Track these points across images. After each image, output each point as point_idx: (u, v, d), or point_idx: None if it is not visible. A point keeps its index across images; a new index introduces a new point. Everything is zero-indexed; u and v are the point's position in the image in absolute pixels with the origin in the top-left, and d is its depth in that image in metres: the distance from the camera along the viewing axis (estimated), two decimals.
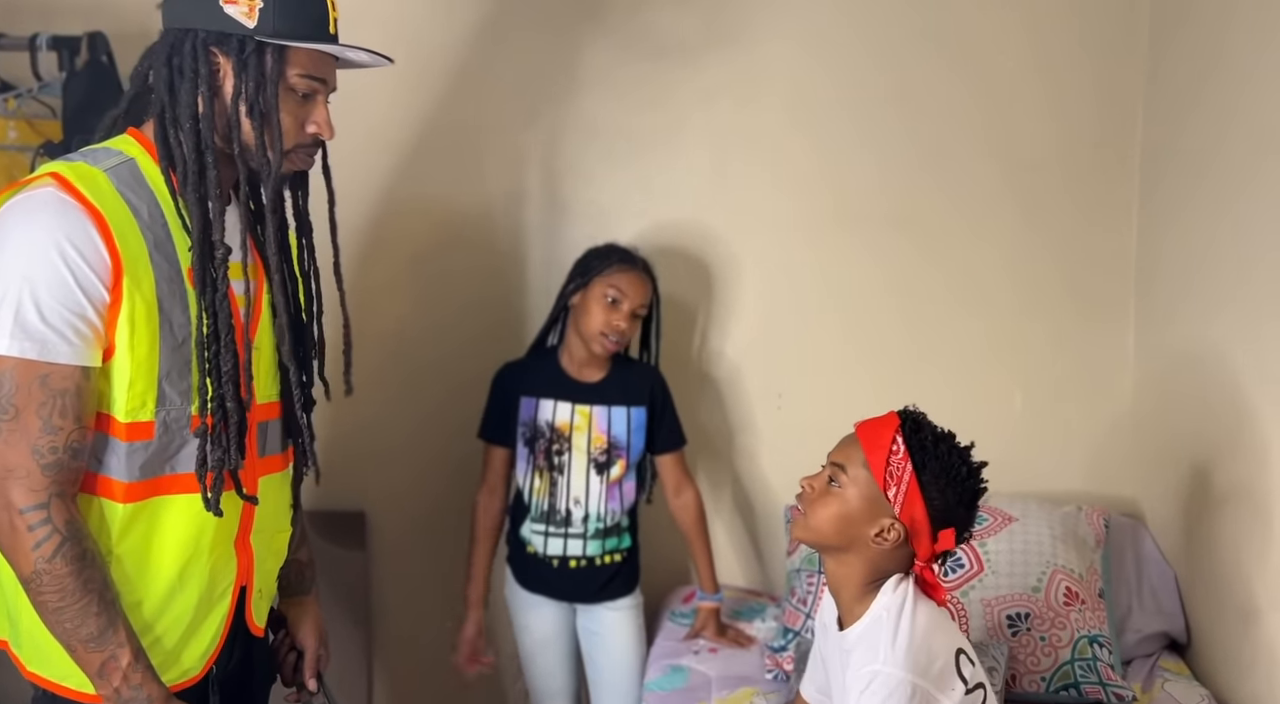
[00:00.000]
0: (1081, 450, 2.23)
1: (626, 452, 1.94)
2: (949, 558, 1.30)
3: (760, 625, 2.09)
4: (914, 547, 1.25)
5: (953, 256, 2.20)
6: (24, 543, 1.05)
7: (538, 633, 2.01)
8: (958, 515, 1.26)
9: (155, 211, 1.16)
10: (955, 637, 1.30)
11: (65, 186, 1.10)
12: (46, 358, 1.06)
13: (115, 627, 1.09)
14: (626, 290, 1.88)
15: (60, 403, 1.06)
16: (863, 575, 1.28)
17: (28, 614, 1.14)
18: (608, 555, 1.95)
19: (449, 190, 2.22)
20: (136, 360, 1.12)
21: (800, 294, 2.24)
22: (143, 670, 1.11)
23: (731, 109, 2.18)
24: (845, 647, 1.29)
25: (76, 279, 1.07)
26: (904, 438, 1.24)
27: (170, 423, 1.15)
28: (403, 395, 2.28)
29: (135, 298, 1.12)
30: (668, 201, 2.22)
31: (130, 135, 1.21)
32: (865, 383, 2.22)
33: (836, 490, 1.26)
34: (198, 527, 1.19)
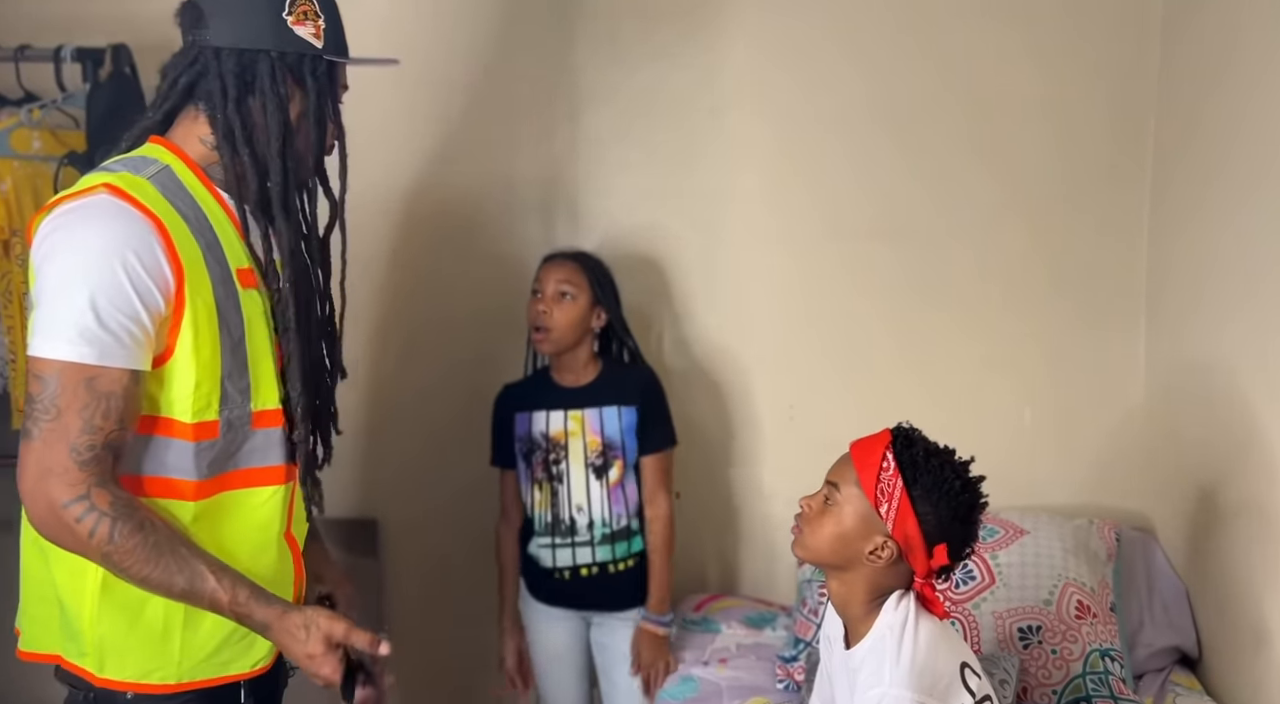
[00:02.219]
0: (1092, 464, 2.23)
1: (622, 452, 1.94)
2: (952, 572, 1.29)
3: (770, 635, 2.10)
4: (910, 563, 1.25)
5: (962, 273, 2.21)
6: (80, 536, 1.08)
7: (551, 647, 2.01)
8: (953, 531, 1.25)
9: (200, 216, 1.19)
10: (959, 650, 1.30)
11: (121, 195, 1.12)
12: (99, 362, 1.08)
13: (201, 575, 1.11)
14: (543, 278, 1.93)
15: (105, 405, 1.08)
16: (864, 593, 1.28)
17: (92, 623, 1.17)
18: (620, 562, 1.96)
19: (461, 202, 2.24)
20: (201, 362, 1.15)
21: (814, 308, 2.24)
22: (246, 602, 1.13)
23: (738, 123, 2.20)
24: (851, 665, 1.30)
25: (134, 284, 1.09)
26: (894, 454, 1.24)
27: (233, 421, 1.19)
28: (414, 404, 2.30)
29: (197, 302, 1.15)
30: (679, 213, 2.23)
31: (157, 143, 1.23)
32: (877, 397, 2.23)
33: (832, 509, 1.27)
34: (264, 520, 1.24)
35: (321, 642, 1.13)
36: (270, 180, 1.21)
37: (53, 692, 1.27)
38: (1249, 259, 1.74)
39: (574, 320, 1.91)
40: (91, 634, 1.17)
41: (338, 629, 1.14)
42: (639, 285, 2.14)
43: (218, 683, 1.23)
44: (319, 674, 1.14)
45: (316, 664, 1.13)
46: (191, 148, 1.22)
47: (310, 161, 1.27)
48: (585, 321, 1.94)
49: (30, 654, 1.24)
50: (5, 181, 1.88)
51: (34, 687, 2.13)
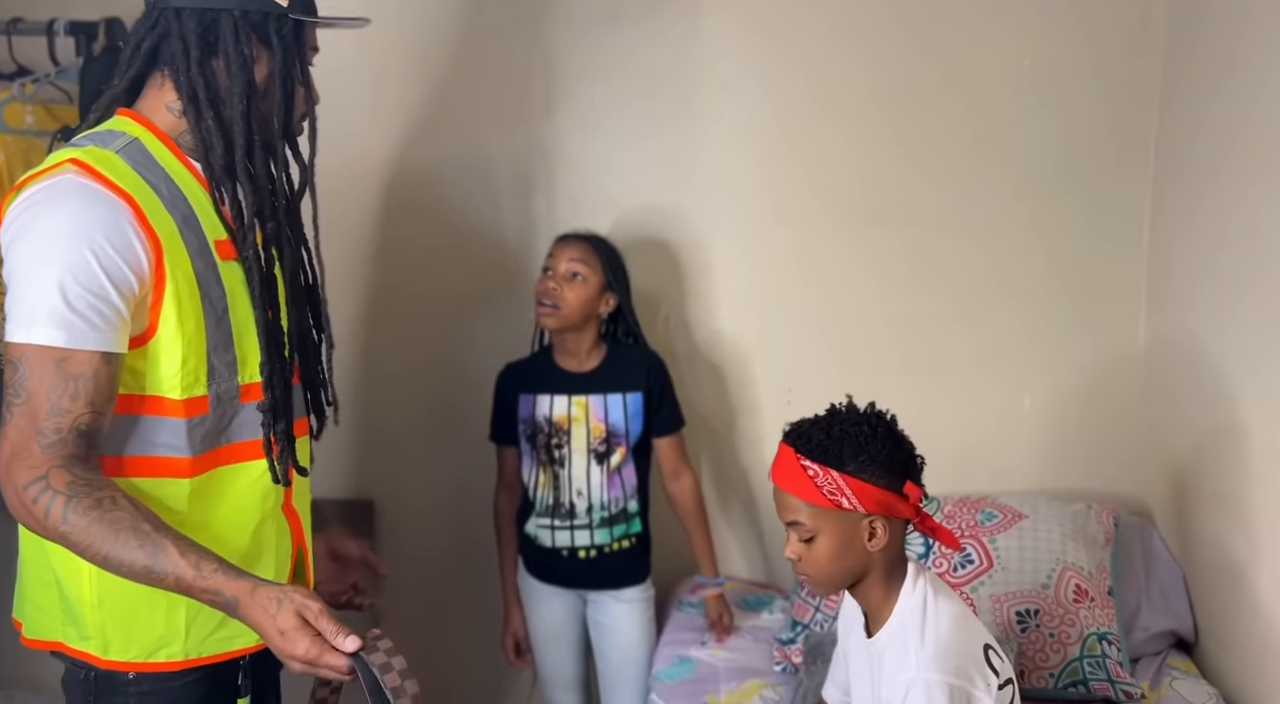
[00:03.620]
0: (1090, 450, 2.23)
1: (625, 439, 1.94)
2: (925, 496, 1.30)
3: (767, 617, 2.10)
4: (898, 517, 1.27)
5: (964, 259, 2.20)
6: (37, 516, 1.05)
7: (548, 624, 2.02)
8: (899, 461, 1.26)
9: (173, 188, 1.17)
10: (981, 632, 1.31)
11: (88, 171, 1.10)
12: (68, 345, 1.06)
13: (163, 549, 1.05)
14: (555, 255, 1.92)
15: (74, 387, 1.06)
16: (880, 578, 1.29)
17: (93, 607, 1.15)
18: (617, 542, 1.96)
19: (457, 186, 2.23)
20: (186, 337, 1.13)
21: (813, 291, 2.23)
22: (212, 576, 1.05)
23: (741, 103, 2.18)
24: (874, 653, 1.30)
25: (102, 265, 1.07)
26: (805, 455, 1.25)
27: (221, 395, 1.17)
28: (411, 385, 2.29)
29: (178, 276, 1.13)
30: (680, 194, 2.22)
31: (124, 115, 1.19)
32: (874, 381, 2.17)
33: (814, 542, 1.27)
34: (260, 493, 1.22)
35: (293, 615, 1.03)
36: (235, 144, 1.18)
37: (55, 673, 1.26)
38: (1249, 250, 1.74)
39: (583, 301, 1.90)
40: (93, 618, 1.16)
41: (311, 607, 1.04)
42: (640, 267, 2.13)
43: (221, 659, 1.21)
44: (292, 654, 1.04)
45: (288, 641, 1.03)
46: (160, 118, 1.19)
47: (277, 125, 1.22)
48: (594, 304, 1.92)
49: (34, 641, 1.22)
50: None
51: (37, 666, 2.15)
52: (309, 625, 1.04)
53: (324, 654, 1.03)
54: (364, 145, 2.21)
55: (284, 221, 1.26)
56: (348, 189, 2.21)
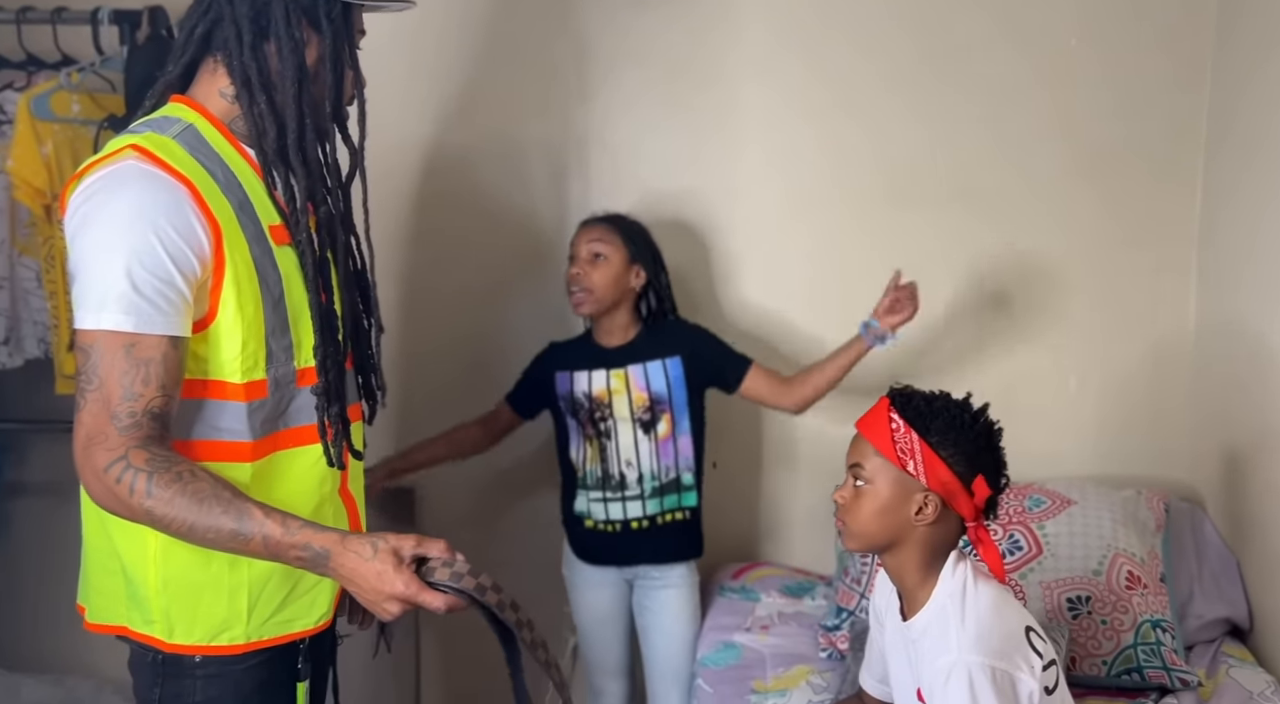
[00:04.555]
0: (1139, 435, 2.19)
1: (670, 405, 1.93)
2: (997, 506, 1.29)
3: (810, 604, 2.09)
4: (956, 509, 1.25)
5: (1006, 236, 2.16)
6: (121, 496, 1.06)
7: (596, 610, 2.02)
8: (983, 461, 1.25)
9: (228, 174, 1.17)
10: (1022, 614, 1.29)
11: (148, 157, 1.10)
12: (137, 329, 1.07)
13: (247, 513, 1.06)
14: (576, 242, 1.93)
15: (144, 372, 1.07)
16: (919, 559, 1.27)
17: (158, 591, 1.16)
18: (669, 513, 1.95)
19: (490, 172, 2.22)
20: (246, 321, 1.14)
21: (847, 274, 2.21)
22: (300, 531, 1.07)
23: (779, 83, 2.16)
24: (911, 636, 1.29)
25: (167, 250, 1.08)
26: (899, 412, 1.25)
27: (279, 379, 1.18)
28: (447, 372, 2.29)
29: (236, 260, 1.13)
30: (715, 174, 2.20)
31: (178, 101, 1.20)
32: (919, 364, 2.20)
33: (865, 489, 1.27)
34: (318, 477, 1.23)
35: (390, 555, 1.04)
36: (287, 127, 1.18)
37: (114, 659, 1.27)
38: None
39: (609, 280, 1.90)
40: (157, 601, 1.17)
41: (406, 542, 1.05)
42: (673, 249, 2.11)
43: (282, 641, 1.22)
44: (391, 592, 1.04)
45: (386, 582, 1.03)
46: (213, 104, 1.20)
47: (328, 108, 1.23)
48: (622, 281, 1.92)
49: (98, 626, 1.24)
50: (46, 145, 1.88)
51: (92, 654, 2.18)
52: (404, 565, 1.05)
53: (421, 592, 1.05)
54: (398, 133, 2.20)
55: (335, 206, 1.26)
56: (381, 176, 2.18)
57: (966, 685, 1.18)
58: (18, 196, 1.90)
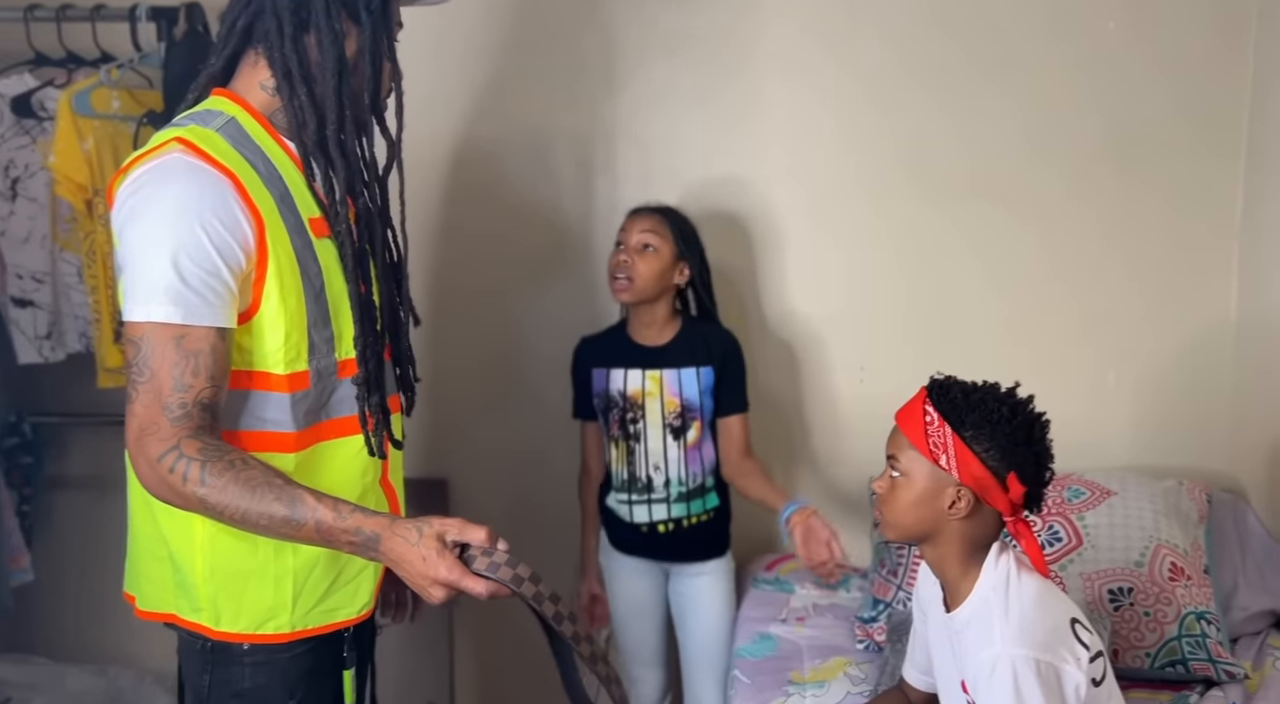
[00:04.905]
0: (1179, 426, 2.17)
1: (700, 413, 1.92)
2: (1041, 501, 1.27)
3: (845, 596, 2.08)
4: (991, 504, 1.23)
5: (1043, 228, 2.14)
6: (175, 485, 1.07)
7: (631, 599, 2.02)
8: (1018, 456, 1.22)
9: (269, 166, 1.18)
10: (1067, 605, 1.28)
11: (192, 150, 1.12)
12: (185, 321, 1.08)
13: (299, 498, 1.07)
14: (628, 226, 1.91)
15: (194, 363, 1.08)
16: (958, 552, 1.26)
17: (205, 578, 1.17)
18: (694, 517, 1.95)
19: (518, 165, 2.22)
20: (289, 312, 1.15)
21: (889, 265, 2.20)
22: (351, 516, 1.07)
23: (810, 74, 2.15)
24: (954, 628, 1.28)
25: (213, 242, 1.09)
26: (934, 404, 1.24)
27: (321, 370, 1.19)
28: (477, 364, 2.30)
29: (278, 251, 1.14)
30: (746, 167, 2.19)
31: (220, 95, 1.21)
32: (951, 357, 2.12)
33: (900, 480, 1.26)
34: (360, 467, 1.24)
35: (435, 539, 1.05)
36: (327, 120, 1.18)
37: (155, 650, 1.28)
38: None
39: (656, 273, 1.89)
40: (205, 589, 1.18)
41: (451, 526, 1.06)
42: (709, 243, 2.11)
43: (326, 630, 1.23)
44: (435, 577, 1.04)
45: (431, 566, 1.04)
46: (254, 97, 1.20)
47: (366, 101, 1.23)
48: (667, 276, 1.91)
49: (148, 614, 1.25)
50: (88, 140, 1.90)
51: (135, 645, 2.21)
52: (449, 550, 1.06)
53: (464, 577, 1.05)
54: (426, 127, 2.19)
55: (373, 199, 1.27)
56: (409, 170, 2.22)
57: (1011, 679, 1.17)
58: (59, 192, 1.93)
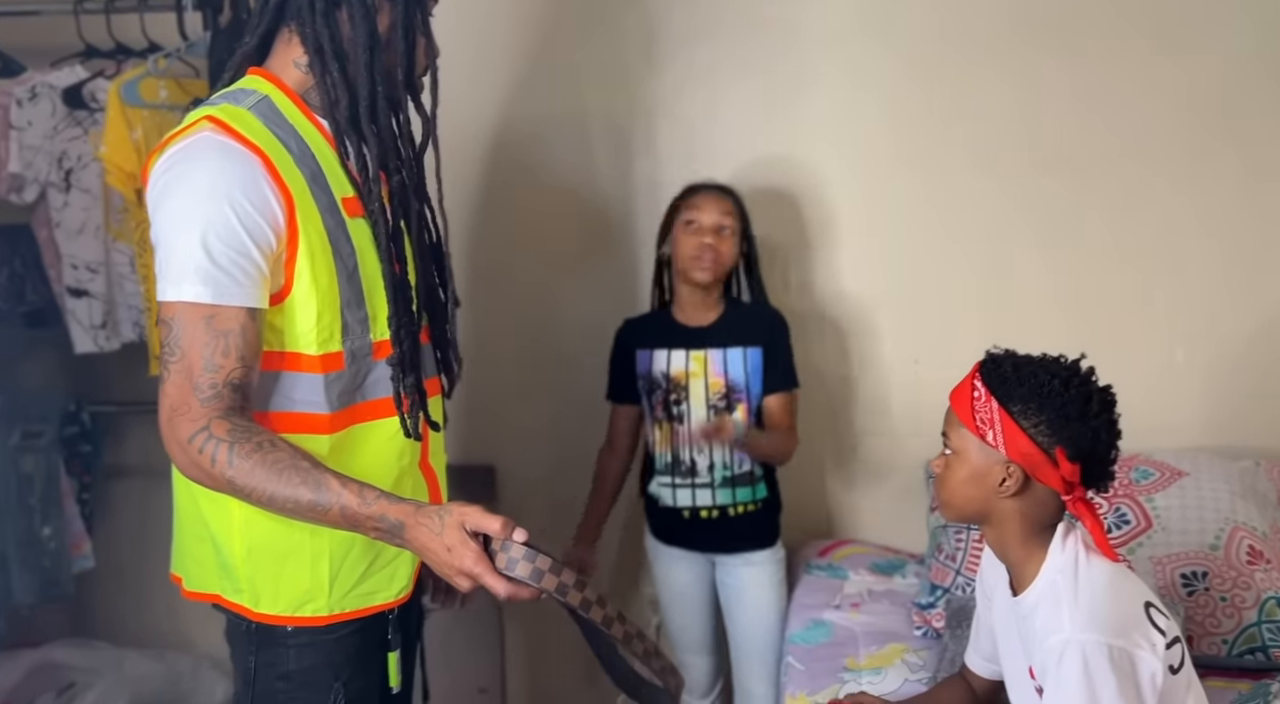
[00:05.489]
0: (1252, 405, 2.08)
1: (747, 395, 1.87)
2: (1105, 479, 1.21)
3: (900, 581, 2.03)
4: (1043, 482, 1.18)
5: (1105, 200, 2.06)
6: (204, 466, 1.07)
7: (675, 586, 1.99)
8: (1070, 432, 1.16)
9: (302, 145, 1.17)
10: (1140, 588, 1.22)
11: (223, 128, 1.11)
12: (215, 301, 1.08)
13: (325, 483, 1.06)
14: (701, 205, 1.87)
15: (224, 343, 1.08)
16: (1018, 534, 1.21)
17: (244, 559, 1.17)
18: (740, 505, 1.90)
19: (559, 146, 2.19)
20: (321, 292, 1.14)
21: (944, 244, 2.13)
22: (376, 503, 1.06)
23: (859, 48, 2.09)
24: (1021, 612, 1.23)
25: (242, 221, 1.08)
26: (982, 378, 1.20)
27: (355, 351, 1.18)
28: (521, 347, 2.29)
29: (310, 232, 1.13)
30: (792, 145, 2.14)
31: (255, 74, 1.20)
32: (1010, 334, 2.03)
33: (953, 458, 1.23)
34: (396, 450, 1.22)
35: (457, 528, 1.03)
36: (359, 97, 1.16)
37: (210, 634, 1.28)
38: None
39: (734, 255, 1.89)
40: (244, 570, 1.18)
41: (470, 514, 1.04)
42: (757, 223, 2.06)
43: (367, 613, 1.22)
44: (460, 567, 1.03)
45: (455, 556, 1.02)
46: (288, 75, 1.19)
47: (400, 76, 1.20)
48: (736, 258, 1.91)
49: (194, 594, 1.26)
50: (137, 130, 1.91)
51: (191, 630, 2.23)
52: (473, 539, 1.04)
53: (486, 572, 1.03)
54: (468, 107, 2.20)
55: (408, 177, 1.25)
56: (450, 151, 2.20)
57: (1081, 666, 1.11)
58: (111, 182, 1.95)
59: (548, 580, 1.04)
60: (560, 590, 1.04)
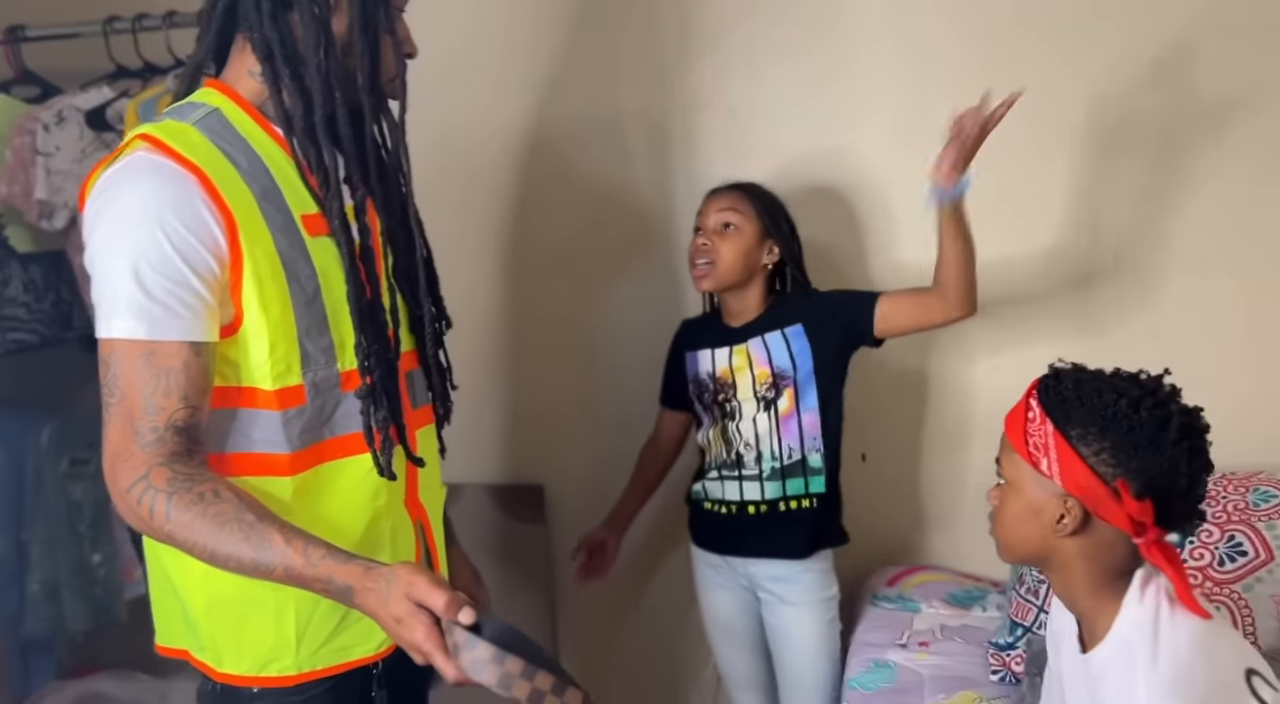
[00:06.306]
0: None
1: (793, 379, 1.70)
2: (1191, 521, 1.01)
3: (980, 615, 1.82)
4: (1106, 520, 1.00)
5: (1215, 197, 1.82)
6: (143, 517, 0.99)
7: (719, 617, 1.84)
8: (1140, 462, 0.98)
9: (254, 159, 1.07)
10: (1241, 652, 1.01)
11: (157, 146, 1.02)
12: (152, 336, 0.99)
13: (268, 540, 0.96)
14: (704, 211, 1.75)
15: (165, 382, 0.99)
16: (1084, 581, 1.04)
17: (204, 615, 1.10)
18: (792, 500, 1.72)
19: (595, 146, 2.07)
20: (272, 321, 1.04)
21: (1023, 232, 1.90)
22: (321, 563, 0.96)
23: (912, 27, 1.89)
24: (1090, 674, 1.04)
25: (175, 246, 0.99)
26: (1038, 397, 1.04)
27: (319, 384, 1.08)
28: (562, 360, 2.18)
29: (256, 253, 1.03)
30: (847, 134, 1.96)
31: (209, 86, 1.12)
32: (1108, 340, 1.89)
33: (1007, 489, 1.07)
34: (370, 490, 1.12)
35: (404, 598, 0.92)
36: (315, 104, 1.07)
37: None
38: None
39: (740, 253, 1.70)
40: (205, 626, 1.10)
41: (417, 584, 0.92)
42: (814, 221, 1.89)
43: (342, 670, 1.12)
44: (411, 642, 0.92)
45: (405, 628, 0.92)
46: (243, 85, 1.10)
47: (361, 80, 1.10)
48: (753, 257, 1.71)
49: (165, 650, 1.18)
50: None
51: None
52: (421, 611, 0.92)
53: (436, 652, 0.91)
54: (500, 112, 2.10)
55: (379, 189, 1.14)
56: (482, 156, 2.12)
57: None
58: None
59: (519, 688, 0.88)
60: (534, 698, 0.88)
